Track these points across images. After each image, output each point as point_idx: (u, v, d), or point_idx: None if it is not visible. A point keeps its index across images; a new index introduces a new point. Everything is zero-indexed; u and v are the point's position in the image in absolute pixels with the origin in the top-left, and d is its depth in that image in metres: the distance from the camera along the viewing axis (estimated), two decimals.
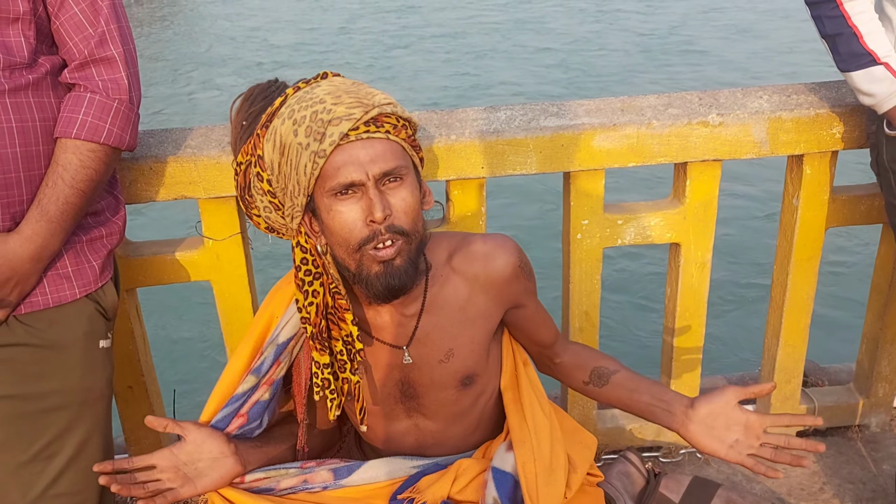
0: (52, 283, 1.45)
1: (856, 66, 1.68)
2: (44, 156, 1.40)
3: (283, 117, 1.26)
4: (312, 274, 1.34)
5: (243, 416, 1.44)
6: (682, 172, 1.99)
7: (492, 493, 1.41)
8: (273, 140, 1.27)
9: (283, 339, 1.43)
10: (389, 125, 1.25)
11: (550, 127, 1.84)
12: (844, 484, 2.20)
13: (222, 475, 1.40)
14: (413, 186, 1.29)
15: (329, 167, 1.23)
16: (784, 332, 2.19)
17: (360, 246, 1.26)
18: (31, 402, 1.44)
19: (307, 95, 1.26)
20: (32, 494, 1.46)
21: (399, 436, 1.51)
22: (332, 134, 1.21)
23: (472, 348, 1.43)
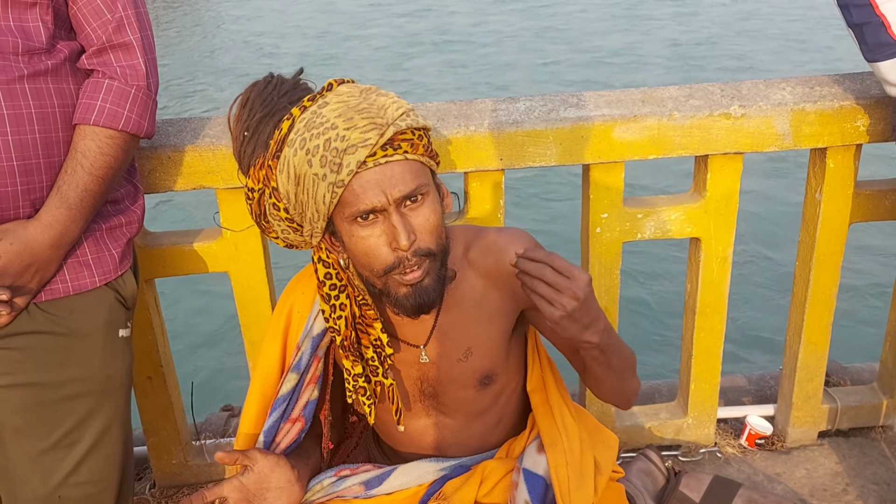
0: (72, 271, 1.45)
1: (883, 55, 1.65)
2: (63, 142, 1.41)
3: (294, 147, 1.21)
4: (338, 287, 1.32)
5: (300, 419, 1.43)
6: (703, 165, 1.97)
7: (523, 495, 1.39)
8: (286, 171, 1.23)
9: (317, 331, 1.41)
10: (406, 143, 1.21)
11: (570, 118, 1.83)
12: (868, 485, 2.17)
13: (290, 503, 1.39)
14: (434, 202, 1.26)
15: (348, 195, 1.20)
16: (806, 330, 2.16)
17: (386, 272, 1.24)
18: (51, 389, 1.44)
19: (316, 119, 1.21)
20: (53, 482, 1.46)
21: (418, 433, 1.50)
22: (350, 164, 1.17)
23: (489, 346, 1.41)
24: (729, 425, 2.40)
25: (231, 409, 2.52)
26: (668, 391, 2.51)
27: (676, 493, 1.91)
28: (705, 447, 2.29)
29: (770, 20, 12.05)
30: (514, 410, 1.55)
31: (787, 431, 2.31)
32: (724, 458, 2.27)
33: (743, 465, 2.24)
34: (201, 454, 2.21)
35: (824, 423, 2.32)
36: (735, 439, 2.34)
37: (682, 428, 2.28)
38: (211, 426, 2.37)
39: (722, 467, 2.24)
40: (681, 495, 1.91)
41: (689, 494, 1.91)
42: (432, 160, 1.28)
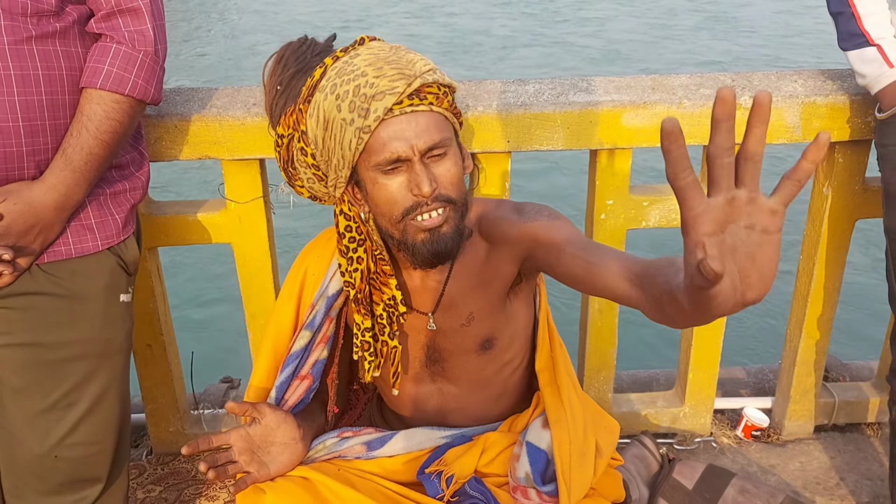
0: (74, 234, 1.45)
1: (852, 45, 1.71)
2: (70, 105, 1.40)
3: (325, 91, 1.24)
4: (356, 241, 1.34)
5: (308, 377, 1.44)
6: None
7: (524, 467, 1.41)
8: (316, 115, 1.25)
9: (332, 291, 1.43)
10: (432, 96, 1.23)
11: (579, 102, 1.82)
12: (862, 480, 2.17)
13: (292, 460, 1.40)
14: (456, 156, 1.28)
15: (374, 142, 1.22)
16: (807, 324, 2.16)
17: (404, 216, 1.26)
18: (51, 350, 1.45)
19: (347, 67, 1.23)
20: (50, 442, 1.48)
21: (422, 399, 1.52)
22: (377, 109, 1.19)
23: (489, 311, 1.43)
24: (726, 416, 2.40)
25: (230, 381, 2.53)
26: (665, 380, 2.52)
27: (669, 479, 1.91)
28: (701, 436, 2.30)
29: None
30: (518, 386, 1.57)
31: (783, 424, 2.31)
32: (719, 448, 2.28)
33: (737, 456, 2.25)
34: (199, 423, 2.23)
35: (821, 417, 2.32)
36: (731, 430, 2.35)
37: (679, 417, 2.28)
38: (210, 397, 2.39)
39: (716, 457, 2.24)
40: (674, 482, 1.91)
41: (682, 481, 1.92)
42: (456, 118, 1.30)
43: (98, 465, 1.55)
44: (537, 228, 1.31)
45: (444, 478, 1.43)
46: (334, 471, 1.42)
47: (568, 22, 11.65)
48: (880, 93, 1.70)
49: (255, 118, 1.78)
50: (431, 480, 1.43)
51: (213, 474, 1.32)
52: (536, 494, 1.40)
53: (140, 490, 2.11)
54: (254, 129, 1.78)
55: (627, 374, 2.58)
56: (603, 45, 10.60)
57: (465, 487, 1.42)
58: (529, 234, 1.32)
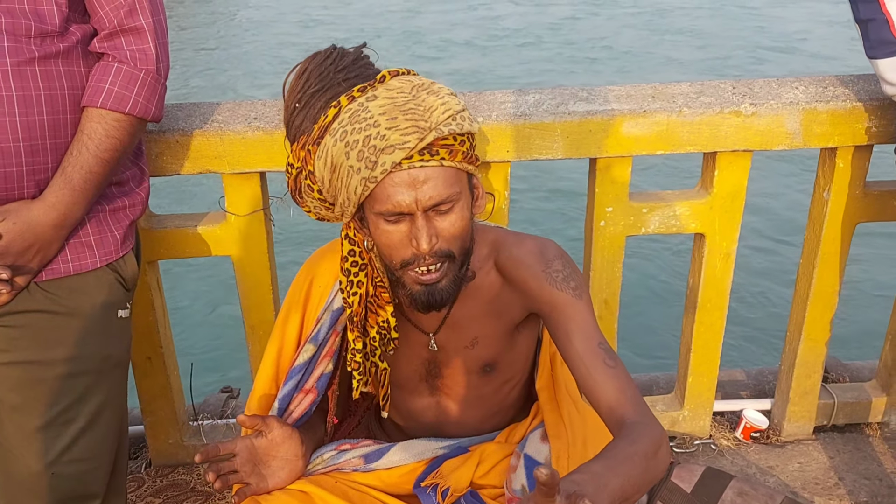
0: (73, 251, 1.45)
1: (883, 53, 1.64)
2: (71, 124, 1.39)
3: (335, 137, 1.22)
4: (359, 265, 1.33)
5: (313, 390, 1.44)
6: (711, 162, 1.96)
7: (521, 479, 1.41)
8: (324, 158, 1.24)
9: (337, 305, 1.42)
10: (445, 150, 1.20)
11: (579, 112, 1.82)
12: (861, 480, 2.18)
13: (290, 476, 1.40)
14: (464, 208, 1.26)
15: (379, 191, 1.21)
16: (807, 326, 2.17)
17: (402, 266, 1.26)
18: (48, 367, 1.44)
19: (361, 113, 1.21)
20: (47, 459, 1.46)
21: (419, 411, 1.52)
22: (384, 163, 1.18)
23: (494, 338, 1.43)
24: (725, 418, 2.41)
25: (230, 391, 2.52)
26: (665, 384, 2.52)
27: (668, 483, 1.91)
28: (700, 439, 2.31)
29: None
30: (516, 401, 1.57)
31: (782, 425, 2.32)
32: (718, 450, 2.29)
33: (737, 458, 2.26)
34: (198, 434, 2.22)
35: (821, 418, 2.33)
36: (730, 432, 2.35)
37: (678, 420, 2.29)
38: (209, 407, 2.38)
39: (716, 459, 2.25)
40: (672, 486, 1.91)
41: (681, 485, 1.92)
42: (471, 164, 1.27)
43: (95, 481, 1.54)
44: (560, 301, 1.34)
45: (440, 490, 1.43)
46: (332, 484, 1.41)
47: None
48: None
49: (256, 132, 1.77)
50: (427, 494, 1.43)
51: (219, 484, 1.32)
52: None
53: (139, 502, 2.10)
54: (255, 143, 1.77)
55: None
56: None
57: (461, 501, 1.42)
58: (550, 301, 1.35)
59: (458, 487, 1.44)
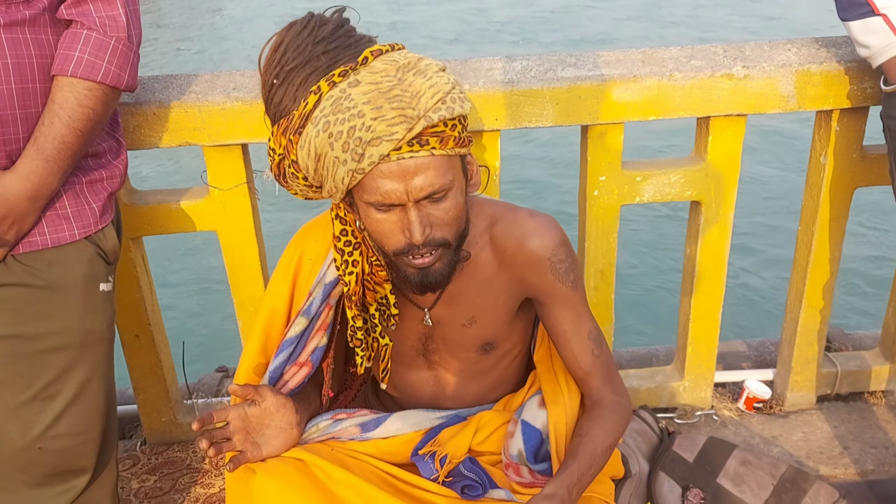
0: (50, 224, 1.43)
1: (854, 15, 1.62)
2: (41, 94, 1.37)
3: (317, 127, 1.16)
4: (352, 245, 1.31)
5: (307, 363, 1.42)
6: (705, 127, 1.91)
7: (518, 444, 1.40)
8: (307, 149, 1.19)
9: (329, 279, 1.40)
10: (435, 139, 1.15)
11: (568, 77, 1.77)
12: (866, 448, 2.15)
13: (285, 444, 1.38)
14: (457, 194, 1.22)
15: (368, 182, 1.17)
16: (807, 295, 2.13)
17: (395, 255, 1.23)
18: (30, 342, 1.43)
19: (344, 102, 1.15)
20: (32, 434, 1.46)
21: (417, 385, 1.51)
22: (372, 155, 1.13)
23: (493, 318, 1.42)
24: (727, 390, 2.38)
25: (225, 371, 2.52)
26: (665, 356, 2.49)
27: (670, 453, 1.89)
28: (702, 410, 2.28)
29: None
30: (515, 373, 1.55)
31: (785, 395, 2.29)
32: (720, 421, 2.26)
33: (739, 428, 2.23)
34: (192, 412, 2.21)
35: (824, 387, 2.30)
36: (733, 403, 2.33)
37: (679, 391, 2.26)
38: (204, 386, 2.37)
39: (718, 430, 2.22)
40: (674, 455, 1.89)
41: (683, 455, 1.90)
42: (463, 147, 1.22)
43: (83, 455, 1.53)
44: (559, 293, 1.37)
45: (437, 458, 1.42)
46: (328, 451, 1.40)
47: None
48: (886, 64, 1.61)
49: (236, 103, 1.74)
50: (425, 461, 1.42)
51: (212, 451, 1.29)
52: (529, 472, 1.39)
53: (134, 480, 2.10)
54: (234, 114, 1.74)
55: (627, 351, 2.56)
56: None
57: (460, 468, 1.41)
58: (549, 291, 1.37)
59: (456, 455, 1.43)
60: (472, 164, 1.28)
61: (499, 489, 1.40)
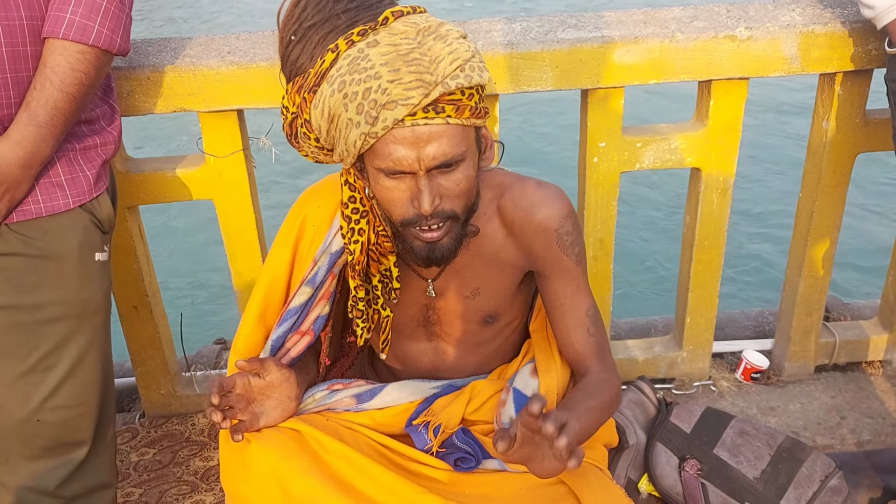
0: (44, 192, 1.40)
1: None
2: (32, 57, 1.34)
3: (332, 86, 1.13)
4: (360, 212, 1.29)
5: (309, 332, 1.40)
6: (707, 92, 1.89)
7: (510, 412, 1.39)
8: (321, 109, 1.16)
9: (335, 248, 1.37)
10: (451, 108, 1.12)
11: (568, 39, 1.75)
12: (863, 418, 2.15)
13: (282, 416, 1.37)
14: (469, 166, 1.20)
15: (380, 147, 1.14)
16: (807, 263, 2.12)
17: (403, 225, 1.21)
18: (27, 312, 1.41)
19: (361, 62, 1.11)
20: (30, 406, 1.44)
21: (416, 356, 1.50)
22: (386, 119, 1.11)
23: (497, 290, 1.40)
24: (725, 360, 2.38)
25: (224, 343, 2.50)
26: (664, 326, 2.49)
27: (667, 423, 1.89)
28: (699, 380, 2.27)
29: None
30: (513, 344, 1.55)
31: (783, 366, 2.28)
32: (718, 392, 2.25)
33: (737, 399, 2.23)
34: (191, 385, 2.20)
35: (822, 357, 2.29)
36: (730, 373, 2.32)
37: (677, 361, 2.25)
38: (202, 359, 2.35)
39: (716, 400, 2.22)
40: (671, 426, 1.89)
41: (680, 425, 1.89)
42: (479, 119, 1.19)
43: (82, 427, 1.52)
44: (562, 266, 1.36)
45: (431, 428, 1.41)
46: (323, 422, 1.39)
47: None
48: (891, 25, 1.59)
49: (231, 67, 1.71)
50: (419, 432, 1.41)
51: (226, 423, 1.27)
52: None
53: (134, 453, 2.09)
54: (230, 79, 1.71)
55: (626, 322, 2.55)
56: None
57: (453, 439, 1.40)
58: (553, 263, 1.35)
59: (450, 424, 1.41)
60: (486, 138, 1.26)
61: (491, 459, 1.39)
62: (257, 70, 1.70)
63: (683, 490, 1.79)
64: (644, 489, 1.84)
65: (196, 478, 2.00)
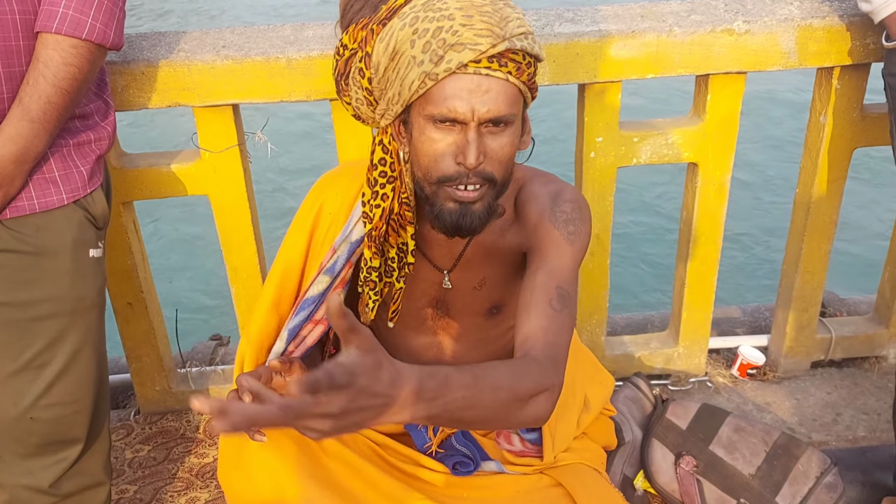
0: (38, 188, 1.39)
1: None
2: (25, 51, 1.32)
3: (404, 21, 1.13)
4: (387, 177, 1.26)
5: (323, 321, 1.39)
6: (704, 86, 1.88)
7: None
8: (387, 42, 1.15)
9: (355, 237, 1.36)
10: (514, 64, 1.12)
11: (565, 34, 1.74)
12: (858, 415, 2.15)
13: None
14: (515, 134, 1.19)
15: (436, 91, 1.13)
16: (804, 259, 2.12)
17: (439, 180, 1.18)
18: (20, 309, 1.40)
19: (437, 3, 1.12)
20: (24, 403, 1.43)
21: (420, 350, 1.49)
22: (451, 60, 1.10)
23: (501, 277, 1.40)
24: (721, 356, 2.38)
25: (219, 339, 2.49)
26: (660, 322, 2.48)
27: (663, 420, 1.89)
28: (695, 377, 2.27)
29: None
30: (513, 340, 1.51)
31: (779, 362, 2.28)
32: (714, 388, 2.25)
33: (733, 395, 2.23)
34: (186, 381, 2.19)
35: (818, 353, 2.29)
36: (727, 369, 2.32)
37: (673, 357, 2.25)
38: (198, 355, 2.34)
39: (711, 396, 2.22)
40: (667, 423, 1.89)
41: (676, 422, 1.89)
42: (531, 91, 1.20)
43: (76, 425, 1.51)
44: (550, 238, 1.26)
45: (431, 427, 1.40)
46: None
47: None
48: (888, 19, 1.59)
49: (226, 61, 1.69)
50: (419, 430, 1.40)
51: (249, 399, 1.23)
52: (519, 441, 1.38)
53: (128, 450, 2.08)
54: (225, 73, 1.70)
55: (622, 317, 2.54)
56: None
57: (452, 441, 1.39)
58: (543, 236, 1.27)
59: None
60: (527, 122, 1.25)
61: (490, 461, 1.39)
62: (252, 64, 1.69)
63: (679, 487, 1.79)
64: (640, 486, 1.84)
65: (191, 475, 1.99)
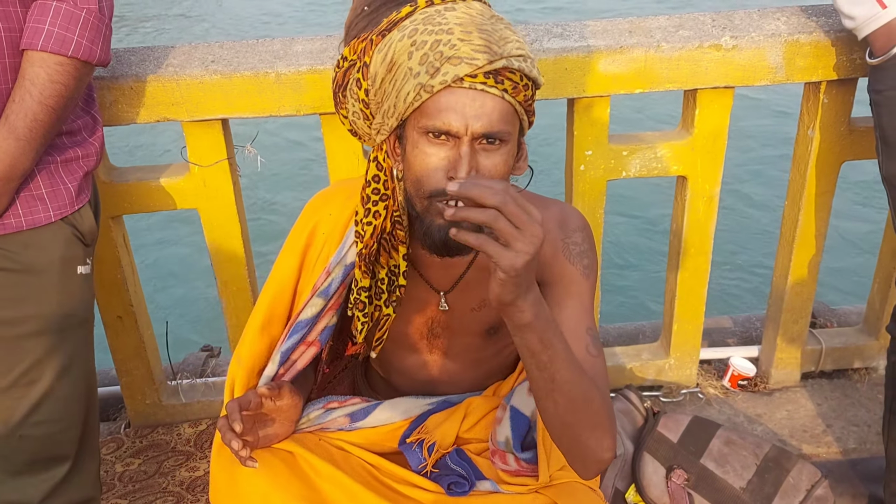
0: (25, 205, 1.39)
1: None
2: (10, 69, 1.33)
3: (403, 32, 1.14)
4: (380, 194, 1.26)
5: (315, 343, 1.38)
6: (692, 101, 1.89)
7: (506, 431, 1.38)
8: (385, 53, 1.16)
9: (350, 259, 1.35)
10: (510, 83, 1.12)
11: (554, 49, 1.74)
12: (848, 426, 2.16)
13: (278, 437, 1.36)
14: (509, 153, 1.18)
15: (431, 104, 1.12)
16: (793, 270, 2.12)
17: (431, 195, 1.17)
18: (8, 327, 1.40)
19: (437, 17, 1.13)
20: (12, 421, 1.43)
21: (414, 368, 1.47)
22: (447, 73, 1.10)
23: None
24: (712, 367, 2.38)
25: (210, 350, 2.48)
26: (652, 332, 2.48)
27: (654, 433, 1.89)
28: (687, 388, 2.28)
29: None
30: (510, 360, 1.53)
31: (770, 373, 2.29)
32: (705, 399, 2.26)
33: (724, 407, 2.23)
34: (176, 394, 2.18)
35: (808, 364, 2.30)
36: (717, 381, 2.32)
37: (664, 369, 2.25)
38: (188, 367, 2.34)
39: (703, 408, 2.22)
40: (658, 436, 1.89)
41: (667, 435, 1.90)
42: (527, 115, 1.19)
43: (65, 442, 1.50)
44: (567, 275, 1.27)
45: (425, 446, 1.39)
46: (315, 443, 1.37)
47: None
48: (872, 36, 1.59)
49: (214, 76, 1.69)
50: (413, 450, 1.40)
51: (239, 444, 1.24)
52: (514, 460, 1.37)
53: (119, 463, 2.07)
54: (213, 88, 1.70)
55: (614, 328, 2.55)
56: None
57: (447, 460, 1.39)
58: (559, 272, 1.27)
59: (444, 443, 1.40)
60: (523, 148, 1.25)
61: (485, 480, 1.37)
62: (241, 79, 1.69)
63: (670, 500, 1.79)
64: (631, 499, 1.84)
65: (182, 488, 1.99)
